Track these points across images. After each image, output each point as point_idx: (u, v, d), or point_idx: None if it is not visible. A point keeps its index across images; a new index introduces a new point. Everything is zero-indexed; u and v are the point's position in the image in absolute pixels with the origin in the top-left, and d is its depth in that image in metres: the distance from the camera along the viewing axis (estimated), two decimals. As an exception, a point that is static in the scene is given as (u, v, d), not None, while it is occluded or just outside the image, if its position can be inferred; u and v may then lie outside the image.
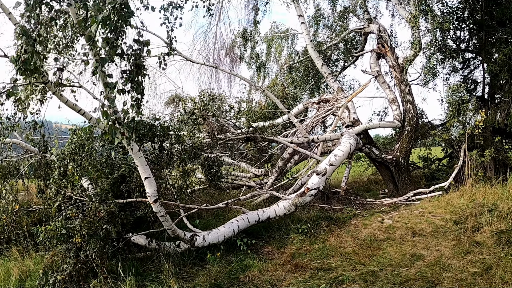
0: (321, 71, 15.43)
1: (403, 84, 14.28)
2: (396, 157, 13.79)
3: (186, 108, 12.06)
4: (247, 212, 9.70)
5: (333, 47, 17.57)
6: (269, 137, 12.94)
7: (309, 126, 14.37)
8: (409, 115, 14.09)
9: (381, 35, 14.88)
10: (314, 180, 10.37)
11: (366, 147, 13.87)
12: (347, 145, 11.12)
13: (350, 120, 14.14)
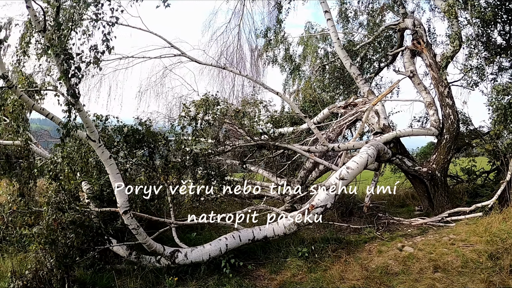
0: (349, 72, 13.82)
1: (441, 85, 12.43)
2: (431, 169, 11.97)
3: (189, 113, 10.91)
4: (240, 229, 8.72)
5: (367, 46, 15.82)
6: (283, 145, 11.55)
7: (333, 133, 12.77)
8: (448, 121, 12.23)
9: (416, 30, 13.11)
10: (321, 196, 8.89)
11: (397, 157, 12.13)
12: (363, 156, 9.50)
13: (380, 126, 12.48)
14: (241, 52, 16.10)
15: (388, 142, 11.90)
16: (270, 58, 18.69)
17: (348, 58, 13.69)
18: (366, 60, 16.49)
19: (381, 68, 15.77)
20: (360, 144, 11.29)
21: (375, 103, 11.81)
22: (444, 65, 12.33)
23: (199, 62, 12.02)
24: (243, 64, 16.13)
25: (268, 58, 18.70)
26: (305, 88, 16.55)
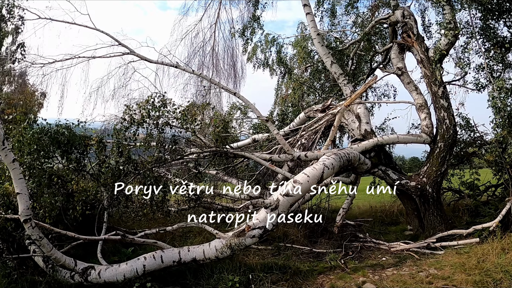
0: (330, 71, 12.11)
1: (434, 84, 10.54)
2: (421, 184, 10.05)
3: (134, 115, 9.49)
4: (164, 249, 7.33)
5: (357, 45, 14.00)
6: (240, 153, 10.03)
7: (309, 140, 10.97)
8: (443, 126, 10.32)
9: (406, 21, 11.28)
10: (260, 216, 7.20)
11: (380, 169, 10.25)
12: (317, 167, 7.66)
13: (361, 132, 10.64)
14: (216, 52, 14.52)
15: (368, 150, 10.04)
16: (260, 61, 17.25)
17: (329, 56, 12.05)
18: (356, 60, 14.67)
19: (373, 68, 13.88)
20: (330, 152, 9.41)
21: (347, 103, 10.07)
22: (437, 60, 10.44)
23: (149, 60, 10.58)
24: (218, 64, 14.53)
25: (259, 61, 17.27)
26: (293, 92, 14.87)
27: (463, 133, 12.00)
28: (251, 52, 17.04)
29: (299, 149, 10.86)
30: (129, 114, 9.39)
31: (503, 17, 10.97)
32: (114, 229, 8.73)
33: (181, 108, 9.57)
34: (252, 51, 17.07)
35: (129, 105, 9.56)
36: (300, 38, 15.97)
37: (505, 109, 9.15)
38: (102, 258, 7.62)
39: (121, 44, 10.60)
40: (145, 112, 9.36)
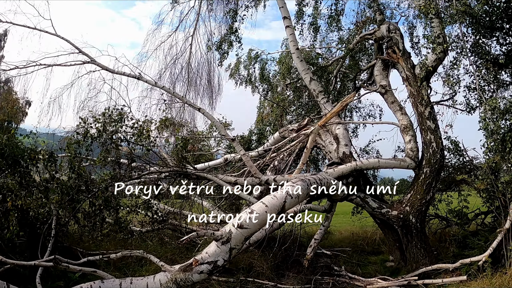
0: (309, 88, 11.39)
1: (421, 104, 9.68)
2: (404, 213, 9.14)
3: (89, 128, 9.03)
4: (105, 278, 6.36)
5: (341, 61, 13.22)
6: (202, 174, 9.22)
7: (282, 162, 10.08)
8: (429, 150, 9.43)
9: (391, 36, 10.47)
10: (211, 249, 6.21)
11: (358, 196, 9.29)
12: (278, 196, 6.70)
13: (339, 155, 9.74)
14: (192, 66, 13.72)
15: (346, 175, 9.11)
16: (243, 78, 16.54)
17: (308, 72, 11.30)
18: (341, 78, 13.89)
19: (357, 87, 13.03)
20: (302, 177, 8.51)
21: (321, 123, 9.28)
22: (424, 78, 9.61)
23: (110, 71, 9.88)
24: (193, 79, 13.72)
25: (241, 78, 16.58)
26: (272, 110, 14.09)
27: (452, 157, 11.22)
28: (234, 68, 16.42)
29: (272, 171, 9.96)
30: (83, 127, 8.84)
31: (495, 34, 10.27)
32: (70, 249, 8.35)
33: (139, 123, 8.79)
34: (235, 67, 16.45)
35: (84, 118, 8.99)
36: (285, 55, 15.22)
37: (498, 132, 8.33)
38: (39, 284, 6.79)
39: (81, 52, 9.97)
40: (100, 126, 8.78)
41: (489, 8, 9.97)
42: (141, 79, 9.82)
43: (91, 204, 8.47)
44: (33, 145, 8.43)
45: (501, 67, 10.11)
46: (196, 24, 13.81)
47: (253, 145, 13.62)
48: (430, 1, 9.18)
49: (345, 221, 14.73)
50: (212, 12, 13.76)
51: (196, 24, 13.81)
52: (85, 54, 9.91)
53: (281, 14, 11.62)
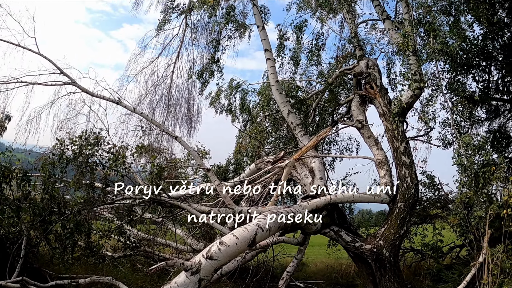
0: (287, 121, 11.49)
1: (396, 139, 9.79)
2: (377, 247, 9.11)
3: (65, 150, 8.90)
4: None
5: (320, 95, 13.37)
6: (176, 203, 9.20)
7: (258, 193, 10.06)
8: (404, 184, 9.50)
9: (369, 72, 10.68)
10: (180, 279, 6.07)
11: (332, 229, 9.28)
12: (249, 228, 6.64)
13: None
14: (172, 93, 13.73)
15: (320, 209, 9.10)
16: (223, 107, 16.58)
17: (286, 104, 11.42)
18: (320, 112, 14.02)
19: (335, 121, 13.16)
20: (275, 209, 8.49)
21: (296, 157, 9.37)
22: (399, 114, 9.75)
23: (90, 93, 9.84)
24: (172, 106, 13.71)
25: (221, 107, 16.63)
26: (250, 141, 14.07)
27: (427, 192, 11.38)
28: (214, 96, 16.40)
29: (246, 203, 9.94)
30: (60, 148, 8.75)
31: (472, 71, 10.54)
32: (39, 271, 8.24)
33: (116, 148, 8.75)
34: (216, 96, 16.40)
35: (60, 139, 8.88)
36: (266, 86, 15.32)
37: (472, 168, 8.45)
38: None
39: (62, 72, 9.92)
40: (76, 149, 8.75)
41: (466, 46, 10.27)
42: (120, 104, 9.80)
43: (63, 227, 8.34)
44: (8, 162, 8.32)
45: (476, 104, 10.35)
46: (179, 51, 13.85)
47: (229, 174, 13.58)
48: (408, 39, 9.36)
49: (321, 253, 14.66)
50: (195, 40, 13.82)
51: (179, 51, 13.85)
52: (66, 75, 9.87)
53: (262, 47, 11.81)
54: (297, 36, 12.77)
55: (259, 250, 9.14)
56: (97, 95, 9.91)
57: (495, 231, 8.21)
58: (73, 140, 8.85)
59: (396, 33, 10.45)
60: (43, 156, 9.22)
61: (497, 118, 11.66)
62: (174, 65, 13.85)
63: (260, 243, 7.69)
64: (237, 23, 11.97)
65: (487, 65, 11.03)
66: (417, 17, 10.12)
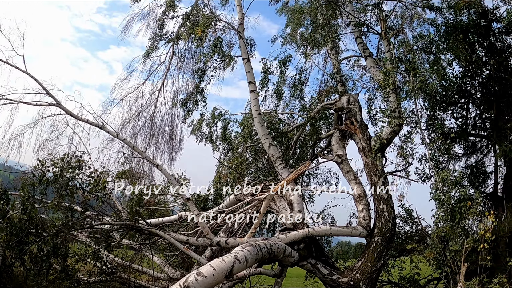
0: (268, 153, 11.70)
1: (375, 174, 10.01)
2: (354, 280, 9.21)
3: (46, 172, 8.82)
4: None
5: (301, 128, 13.55)
6: (155, 231, 9.16)
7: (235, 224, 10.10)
8: (381, 219, 9.70)
9: (350, 107, 10.92)
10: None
11: (309, 262, 9.34)
12: (226, 260, 6.66)
13: (292, 221, 9.81)
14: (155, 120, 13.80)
15: (297, 241, 9.16)
16: (204, 135, 16.56)
17: (268, 137, 11.52)
18: (300, 145, 14.20)
19: (315, 154, 13.30)
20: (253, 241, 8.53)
21: (275, 190, 9.34)
22: (378, 149, 9.96)
23: (74, 116, 9.92)
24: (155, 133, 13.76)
25: (202, 135, 16.58)
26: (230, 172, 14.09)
27: (405, 225, 11.53)
28: (196, 124, 16.39)
29: (225, 233, 9.96)
30: (41, 169, 8.68)
31: (450, 108, 10.85)
32: None
33: (97, 173, 8.74)
34: (198, 124, 16.40)
35: (42, 160, 8.81)
36: (248, 117, 15.45)
37: (449, 202, 8.65)
38: None
39: (48, 93, 10.00)
40: (58, 171, 8.66)
41: (446, 83, 10.60)
42: (103, 129, 9.86)
43: (40, 249, 8.23)
44: None
45: (454, 140, 10.60)
46: (164, 79, 13.95)
47: (209, 204, 13.54)
48: (389, 77, 9.62)
49: (299, 285, 14.63)
50: (181, 69, 13.96)
51: (164, 79, 13.95)
52: (52, 96, 9.92)
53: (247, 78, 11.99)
54: (281, 71, 12.96)
55: (236, 281, 9.12)
56: (82, 118, 9.96)
57: (471, 265, 8.32)
58: (54, 162, 8.79)
59: (378, 71, 10.73)
60: (23, 177, 9.16)
61: (475, 153, 11.94)
62: (159, 92, 13.95)
63: (237, 274, 7.67)
64: (223, 55, 12.09)
65: (465, 102, 11.35)
66: (398, 55, 10.43)
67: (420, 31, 11.58)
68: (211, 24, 11.73)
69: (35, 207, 8.60)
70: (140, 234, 9.89)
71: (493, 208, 10.18)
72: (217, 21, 12.26)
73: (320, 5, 11.36)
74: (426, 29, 11.68)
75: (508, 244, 9.21)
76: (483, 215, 8.72)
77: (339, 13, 12.23)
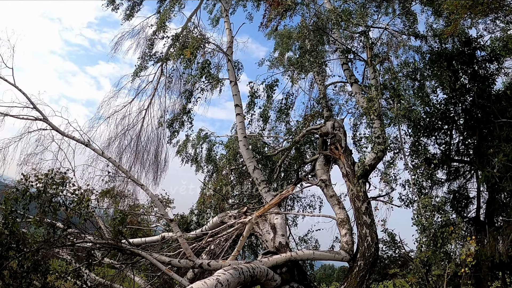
0: (252, 176, 11.77)
1: (358, 199, 10.10)
2: (336, 306, 9.12)
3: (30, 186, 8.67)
4: None
5: (286, 152, 13.63)
6: (136, 251, 9.11)
7: (219, 246, 10.06)
8: (364, 243, 9.74)
9: (335, 133, 11.05)
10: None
11: (291, 286, 9.29)
12: (208, 284, 6.57)
13: (275, 245, 9.83)
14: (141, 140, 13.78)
15: (280, 265, 9.15)
16: (189, 156, 16.54)
17: (252, 160, 11.65)
18: (285, 168, 14.28)
19: (300, 178, 13.33)
20: (236, 264, 8.53)
21: (259, 213, 9.47)
22: (361, 175, 10.07)
23: (60, 132, 9.95)
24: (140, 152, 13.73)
25: (188, 156, 16.56)
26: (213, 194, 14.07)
27: (388, 249, 11.50)
28: (182, 145, 16.38)
29: (207, 255, 9.92)
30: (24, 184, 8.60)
31: (434, 134, 11.01)
32: None
33: (81, 190, 8.73)
34: (183, 145, 16.39)
35: (26, 175, 8.71)
36: (233, 139, 15.49)
37: (431, 227, 8.76)
38: None
39: (35, 108, 10.00)
40: (41, 186, 8.60)
41: (430, 110, 10.79)
42: (89, 146, 9.84)
43: (20, 264, 8.12)
44: None
45: (437, 166, 10.74)
46: (151, 98, 13.99)
47: (192, 225, 13.47)
48: (373, 104, 9.78)
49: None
50: (168, 89, 14.02)
51: (151, 98, 13.99)
52: (39, 111, 9.92)
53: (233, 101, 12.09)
54: (267, 95, 13.05)
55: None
56: (67, 134, 9.93)
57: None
58: (38, 177, 8.71)
59: (363, 97, 10.91)
60: (6, 190, 9.07)
61: (458, 179, 12.08)
62: (146, 111, 13.97)
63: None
64: (211, 77, 12.18)
65: (449, 128, 11.51)
66: (383, 81, 10.61)
67: (405, 58, 11.84)
68: (200, 46, 11.86)
69: (17, 222, 8.47)
70: (122, 254, 9.79)
71: (475, 233, 10.24)
72: (207, 43, 12.39)
73: (308, 31, 11.49)
74: (411, 56, 11.94)
75: (490, 269, 9.30)
76: (465, 240, 8.83)
77: (327, 40, 12.40)
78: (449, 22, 10.28)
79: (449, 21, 10.17)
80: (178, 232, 9.00)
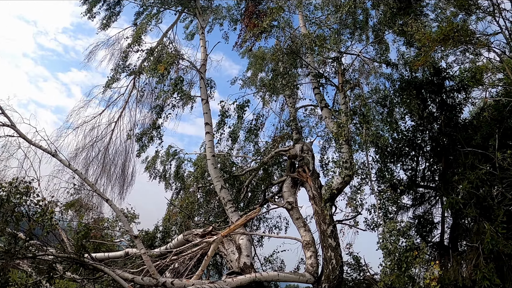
0: (219, 195, 11.73)
1: (324, 223, 10.20)
2: (298, 329, 9.11)
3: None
4: None
5: (254, 173, 13.70)
6: (100, 266, 9.01)
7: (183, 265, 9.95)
8: (328, 266, 9.85)
9: (304, 155, 11.16)
10: None
11: (255, 307, 9.28)
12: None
13: (239, 265, 9.81)
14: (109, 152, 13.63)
15: (244, 286, 9.15)
16: (158, 173, 16.40)
17: (220, 179, 11.69)
18: (252, 189, 14.32)
19: (266, 199, 13.38)
20: (200, 284, 8.48)
21: (224, 234, 9.47)
22: (328, 199, 10.19)
23: (27, 140, 9.66)
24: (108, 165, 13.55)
25: (156, 172, 16.42)
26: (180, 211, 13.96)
27: (353, 272, 11.60)
28: (151, 161, 16.26)
29: (171, 273, 9.81)
30: None
31: (401, 160, 11.20)
32: None
33: (45, 202, 8.57)
34: (152, 161, 16.28)
35: None
36: (202, 157, 15.46)
37: (395, 251, 8.84)
38: None
39: (3, 113, 9.70)
40: (4, 195, 8.37)
41: (398, 136, 11.01)
42: (56, 157, 9.65)
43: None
44: None
45: (402, 192, 10.95)
46: (122, 111, 13.91)
47: (156, 242, 13.31)
48: (342, 129, 9.95)
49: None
50: (140, 103, 13.96)
51: (122, 111, 13.91)
52: (6, 116, 9.66)
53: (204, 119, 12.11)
54: (238, 115, 13.10)
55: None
56: (35, 143, 9.69)
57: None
58: (2, 185, 8.50)
59: (332, 122, 11.08)
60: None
61: (423, 204, 12.30)
62: (115, 124, 13.86)
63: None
64: (183, 94, 12.17)
65: (415, 155, 11.75)
66: (353, 107, 10.81)
67: (376, 84, 12.09)
68: (174, 62, 11.88)
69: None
70: (84, 268, 9.59)
71: (439, 257, 10.38)
72: (181, 59, 12.42)
73: (282, 54, 11.64)
74: (382, 83, 12.19)
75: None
76: (429, 264, 8.95)
77: (300, 63, 12.57)
78: (420, 53, 10.56)
79: (420, 52, 10.46)
80: (142, 249, 8.90)
